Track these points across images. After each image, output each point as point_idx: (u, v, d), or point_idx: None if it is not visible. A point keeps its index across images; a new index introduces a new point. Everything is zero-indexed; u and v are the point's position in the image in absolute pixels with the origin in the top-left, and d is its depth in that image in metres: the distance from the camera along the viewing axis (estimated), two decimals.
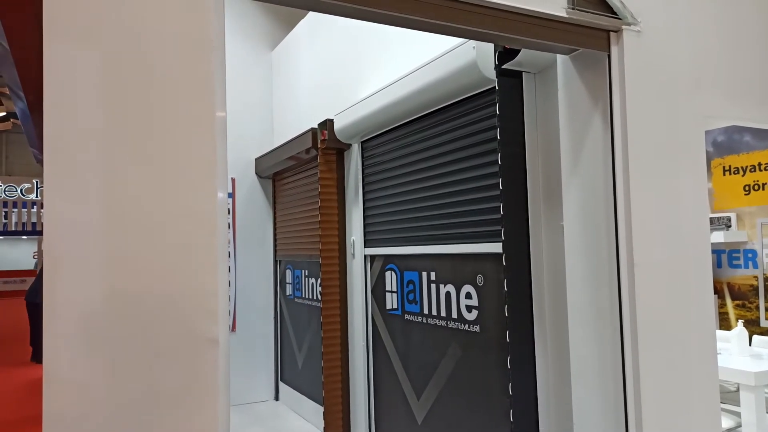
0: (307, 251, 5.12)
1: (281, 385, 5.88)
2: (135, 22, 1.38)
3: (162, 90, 1.40)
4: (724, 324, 4.43)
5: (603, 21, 2.06)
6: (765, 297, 4.11)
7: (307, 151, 4.61)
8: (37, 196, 19.20)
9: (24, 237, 18.96)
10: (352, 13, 1.73)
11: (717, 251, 4.43)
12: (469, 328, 3.10)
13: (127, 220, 1.35)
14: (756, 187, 4.23)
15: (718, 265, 4.42)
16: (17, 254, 21.83)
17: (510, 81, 2.53)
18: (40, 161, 6.55)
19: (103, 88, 1.35)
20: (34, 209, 19.22)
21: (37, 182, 19.25)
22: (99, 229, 1.33)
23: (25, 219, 19.15)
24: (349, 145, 4.36)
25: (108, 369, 1.31)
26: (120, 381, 1.32)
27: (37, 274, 9.43)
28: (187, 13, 1.43)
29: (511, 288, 2.48)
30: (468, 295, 3.11)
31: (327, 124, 4.30)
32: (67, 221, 1.30)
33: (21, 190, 19.13)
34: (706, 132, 2.33)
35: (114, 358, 1.32)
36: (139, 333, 1.34)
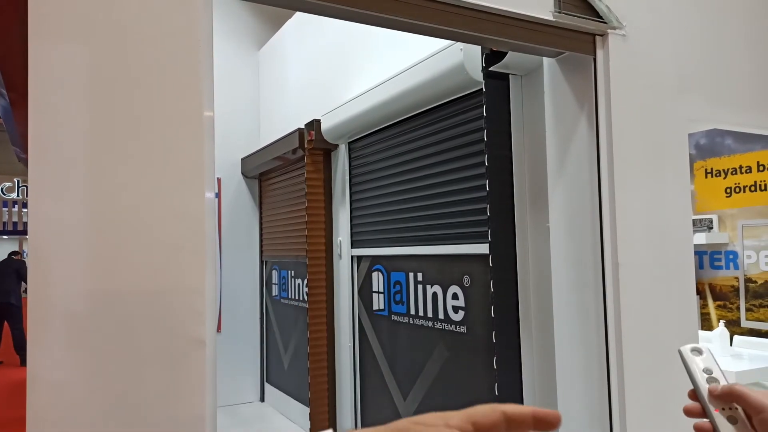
0: (293, 252, 5.10)
1: (267, 386, 5.85)
2: (122, 20, 1.37)
3: (149, 89, 1.38)
4: (706, 324, 4.49)
5: (589, 25, 2.08)
6: (746, 298, 4.17)
7: (294, 151, 4.60)
8: (18, 195, 18.86)
9: (5, 237, 18.63)
10: (338, 14, 1.72)
11: (699, 252, 4.48)
12: (455, 328, 3.11)
13: (113, 220, 1.34)
14: (737, 190, 4.29)
15: (700, 266, 4.48)
16: None
17: (497, 83, 2.55)
18: (22, 160, 6.45)
19: (89, 87, 1.33)
20: (15, 208, 18.89)
21: (18, 181, 18.91)
22: (85, 228, 1.32)
23: (6, 218, 18.82)
24: (337, 146, 4.35)
25: (93, 369, 1.30)
26: (105, 382, 1.31)
27: None
28: (175, 11, 1.42)
29: (498, 289, 2.50)
30: (455, 296, 3.13)
31: (314, 125, 4.28)
32: (52, 220, 1.29)
33: (2, 189, 18.80)
34: (689, 135, 2.37)
35: (99, 358, 1.30)
36: (125, 333, 1.33)
